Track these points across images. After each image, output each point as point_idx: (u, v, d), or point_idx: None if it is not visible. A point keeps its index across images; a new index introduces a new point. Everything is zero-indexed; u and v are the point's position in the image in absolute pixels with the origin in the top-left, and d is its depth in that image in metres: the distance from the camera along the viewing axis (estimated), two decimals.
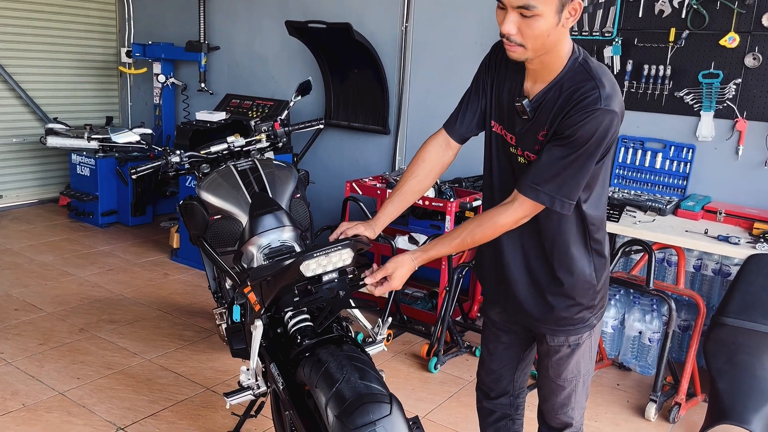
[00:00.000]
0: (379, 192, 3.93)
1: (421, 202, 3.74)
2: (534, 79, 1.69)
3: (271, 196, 2.49)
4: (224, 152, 2.73)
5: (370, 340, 2.21)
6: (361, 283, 1.89)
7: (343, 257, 1.88)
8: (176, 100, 6.01)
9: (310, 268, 1.84)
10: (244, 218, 2.40)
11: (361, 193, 3.97)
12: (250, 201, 2.43)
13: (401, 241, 3.93)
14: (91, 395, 2.96)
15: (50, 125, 5.51)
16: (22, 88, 5.90)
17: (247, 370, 2.12)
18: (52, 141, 5.34)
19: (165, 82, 5.80)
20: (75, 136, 5.34)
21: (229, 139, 2.74)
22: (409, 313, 3.94)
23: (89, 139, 5.25)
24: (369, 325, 2.21)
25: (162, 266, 4.73)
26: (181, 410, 2.89)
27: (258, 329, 2.09)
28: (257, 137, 2.80)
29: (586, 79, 1.60)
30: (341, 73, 4.88)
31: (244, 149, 2.77)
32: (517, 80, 1.74)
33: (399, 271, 1.75)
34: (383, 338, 2.22)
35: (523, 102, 1.68)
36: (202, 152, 2.70)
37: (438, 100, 4.43)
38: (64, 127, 5.50)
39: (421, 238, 3.91)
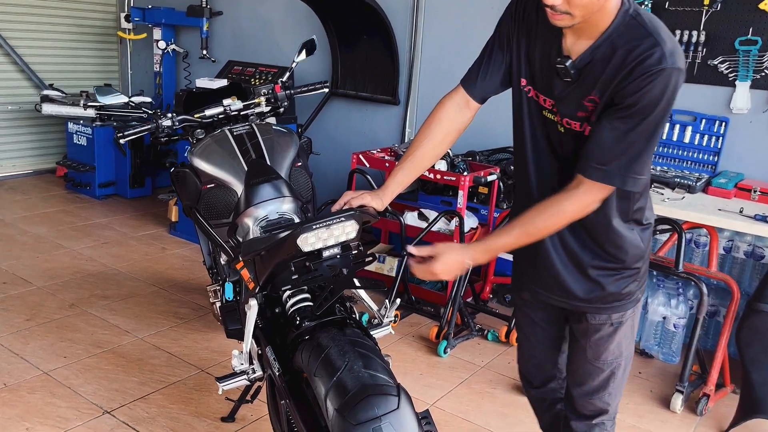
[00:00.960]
0: (387, 164, 3.71)
1: (432, 176, 3.51)
2: (577, 35, 1.47)
3: (269, 163, 2.27)
4: (220, 116, 2.51)
5: (376, 322, 2.02)
6: (367, 259, 1.68)
7: (347, 230, 1.68)
8: (177, 68, 5.78)
9: (309, 242, 1.63)
10: (239, 187, 2.19)
11: (368, 165, 3.75)
12: (246, 168, 2.21)
13: (410, 218, 3.71)
14: (78, 375, 2.78)
15: (45, 92, 5.30)
16: (18, 53, 5.67)
17: (240, 353, 1.93)
18: (48, 108, 5.11)
19: (165, 48, 5.57)
20: (71, 104, 5.13)
21: (226, 102, 2.51)
22: (418, 293, 3.73)
23: (86, 106, 5.03)
24: (375, 307, 2.02)
25: (160, 240, 4.55)
26: (173, 393, 2.71)
27: (252, 309, 1.90)
28: (256, 100, 2.58)
29: (643, 35, 1.39)
30: (349, 40, 4.63)
31: (242, 114, 2.54)
32: (553, 35, 1.51)
33: (447, 257, 1.56)
34: (390, 321, 2.03)
35: (567, 63, 1.46)
36: (195, 116, 2.48)
37: (451, 70, 4.18)
38: (60, 94, 5.29)
39: (432, 214, 3.69)
